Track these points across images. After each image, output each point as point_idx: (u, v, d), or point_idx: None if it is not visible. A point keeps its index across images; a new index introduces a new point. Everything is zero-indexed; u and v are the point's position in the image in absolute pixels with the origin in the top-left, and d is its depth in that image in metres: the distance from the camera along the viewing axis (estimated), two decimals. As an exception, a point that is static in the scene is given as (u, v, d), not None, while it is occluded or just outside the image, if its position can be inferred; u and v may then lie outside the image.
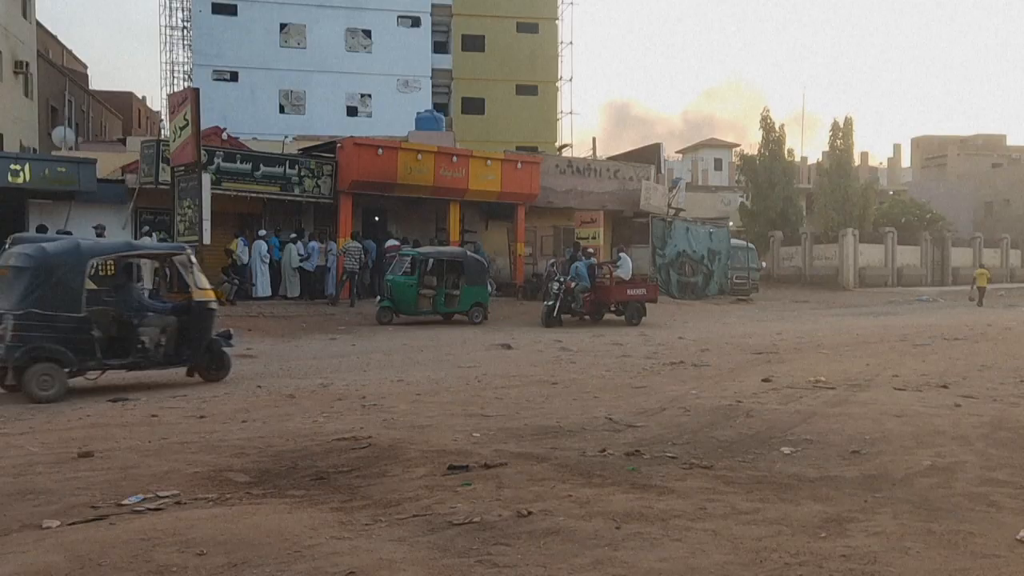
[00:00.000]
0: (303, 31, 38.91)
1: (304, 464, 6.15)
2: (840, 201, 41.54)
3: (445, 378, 11.02)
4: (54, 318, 9.28)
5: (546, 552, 4.16)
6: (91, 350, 9.57)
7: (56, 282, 9.36)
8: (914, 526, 4.56)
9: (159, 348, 10.20)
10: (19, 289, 9.24)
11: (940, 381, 10.40)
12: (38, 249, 9.68)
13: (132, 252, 10.98)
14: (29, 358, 9.13)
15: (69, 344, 9.36)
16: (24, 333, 9.09)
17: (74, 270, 9.53)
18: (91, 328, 9.57)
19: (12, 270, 9.50)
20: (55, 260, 9.48)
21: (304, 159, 22.19)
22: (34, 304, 9.20)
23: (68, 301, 9.40)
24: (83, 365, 9.62)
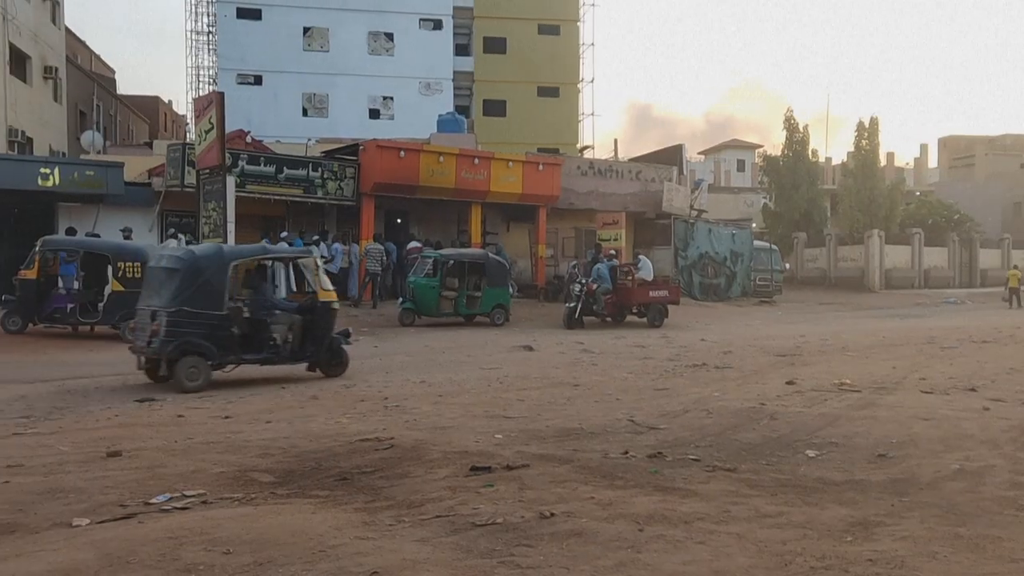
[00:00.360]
0: (326, 35, 39.18)
1: (328, 464, 6.19)
2: (866, 202, 41.10)
3: (467, 379, 11.05)
4: (200, 315, 10.12)
5: (569, 554, 4.16)
6: (231, 345, 10.44)
7: (202, 283, 10.22)
8: (941, 530, 4.51)
9: (287, 344, 10.96)
10: (170, 289, 10.14)
11: (968, 384, 10.28)
12: (187, 252, 10.79)
13: (266, 255, 11.86)
14: (179, 352, 10.00)
15: (213, 339, 10.20)
16: (175, 329, 9.94)
17: (218, 272, 10.36)
18: (231, 325, 10.41)
19: (164, 271, 10.44)
20: (202, 263, 10.37)
21: (327, 162, 22.34)
22: (184, 303, 10.06)
23: (212, 300, 10.25)
24: (224, 359, 10.43)
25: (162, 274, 10.48)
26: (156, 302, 10.22)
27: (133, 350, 10.64)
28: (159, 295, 10.26)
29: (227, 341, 10.36)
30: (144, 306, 10.45)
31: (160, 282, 10.42)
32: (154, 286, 10.53)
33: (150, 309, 10.23)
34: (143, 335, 10.24)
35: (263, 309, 10.95)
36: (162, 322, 9.94)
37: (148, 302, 10.41)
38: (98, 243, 16.36)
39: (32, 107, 27.24)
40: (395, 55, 39.71)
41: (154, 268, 10.87)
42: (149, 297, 10.49)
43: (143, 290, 11.13)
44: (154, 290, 10.46)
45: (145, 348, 10.18)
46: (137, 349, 10.44)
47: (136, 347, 10.48)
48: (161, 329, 9.92)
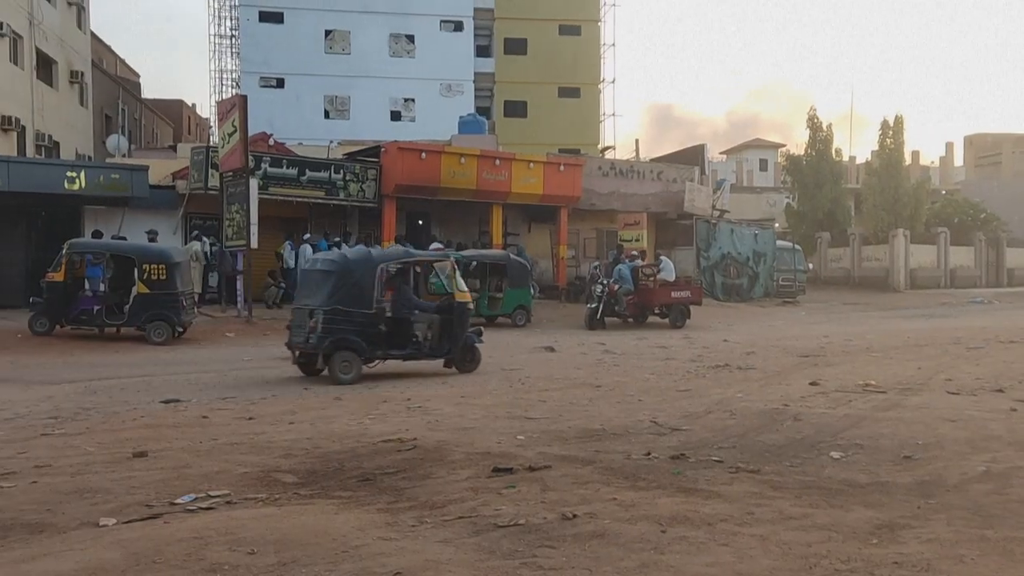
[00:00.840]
0: (347, 37, 39.42)
1: (351, 465, 6.23)
2: (890, 201, 40.67)
3: (489, 380, 11.07)
4: (352, 314, 10.94)
5: (591, 555, 4.15)
6: (379, 341, 11.24)
7: (354, 284, 11.06)
8: (968, 533, 4.45)
9: (427, 341, 11.69)
10: (326, 289, 11.01)
11: (995, 385, 10.14)
12: (341, 256, 11.89)
13: (409, 259, 12.59)
14: (334, 347, 10.82)
15: (363, 336, 11.02)
16: (330, 326, 10.79)
17: (368, 274, 11.15)
18: (379, 323, 11.20)
19: (319, 273, 11.40)
20: (354, 265, 11.25)
21: (349, 164, 22.47)
22: (338, 302, 10.90)
23: (363, 300, 11.05)
24: (372, 354, 11.23)
25: (317, 276, 11.42)
26: (312, 302, 11.09)
27: (289, 346, 11.51)
28: (315, 295, 11.13)
29: (375, 338, 11.15)
30: (300, 305, 11.44)
31: (316, 283, 11.32)
32: (310, 287, 11.48)
33: (307, 308, 11.10)
34: (301, 332, 11.09)
35: (406, 308, 11.77)
36: (319, 320, 10.78)
37: (304, 302, 11.38)
38: (124, 246, 16.56)
39: (59, 111, 27.64)
40: (416, 57, 39.88)
41: (309, 271, 11.92)
42: (305, 297, 11.45)
43: (299, 291, 12.35)
44: (310, 291, 11.38)
45: (303, 344, 11.02)
46: (294, 345, 11.29)
47: (293, 343, 11.33)
48: (318, 326, 10.77)
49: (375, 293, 11.14)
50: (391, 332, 11.41)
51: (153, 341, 14.68)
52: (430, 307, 12.13)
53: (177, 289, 14.98)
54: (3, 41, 23.58)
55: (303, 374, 11.32)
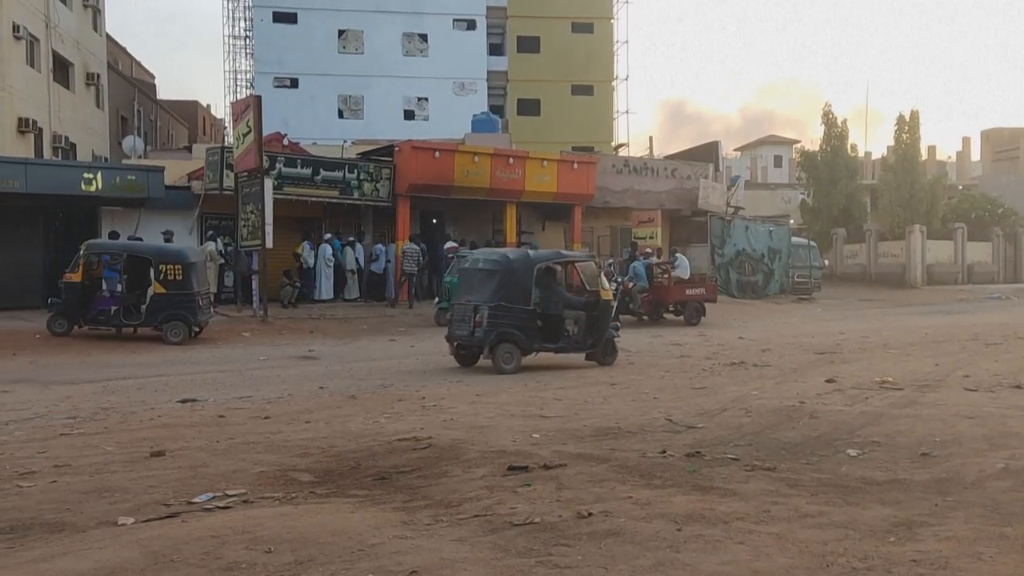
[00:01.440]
0: (360, 37, 39.51)
1: (366, 464, 6.25)
2: (906, 197, 40.34)
3: (503, 379, 11.07)
4: (513, 309, 11.83)
5: (607, 553, 4.16)
6: (536, 335, 12.12)
7: (515, 282, 11.95)
8: (987, 530, 4.42)
9: (575, 335, 12.43)
10: (490, 287, 11.89)
11: (1014, 381, 10.05)
12: (503, 256, 12.65)
13: (561, 259, 13.42)
14: (498, 339, 11.70)
15: (522, 329, 11.90)
16: (495, 320, 11.67)
17: (527, 273, 12.04)
18: (536, 318, 12.08)
19: (483, 272, 12.24)
20: (515, 265, 12.09)
21: (363, 163, 22.52)
22: (501, 298, 11.78)
23: (522, 296, 11.92)
24: (530, 346, 12.06)
25: (481, 275, 12.23)
26: (476, 298, 11.94)
27: (449, 338, 12.38)
28: (479, 292, 12.00)
29: (533, 331, 12.06)
30: (464, 301, 12.21)
31: (480, 281, 12.15)
32: (473, 284, 12.29)
33: (471, 304, 11.92)
34: (464, 326, 11.95)
35: (557, 305, 12.45)
36: (484, 315, 11.67)
37: (467, 298, 12.17)
38: (140, 246, 16.67)
39: (75, 113, 27.86)
40: (429, 56, 39.92)
41: (472, 269, 12.68)
42: (468, 294, 12.28)
43: (461, 288, 12.96)
44: (474, 288, 12.23)
45: (467, 337, 11.92)
46: (455, 338, 12.17)
47: (454, 335, 12.20)
48: (484, 320, 11.66)
49: (533, 291, 12.01)
50: (545, 327, 12.26)
51: (170, 341, 14.78)
52: (578, 303, 12.70)
53: (193, 289, 15.07)
54: (20, 44, 23.78)
55: (459, 365, 12.25)
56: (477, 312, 11.76)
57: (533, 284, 12.03)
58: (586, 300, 12.75)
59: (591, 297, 12.75)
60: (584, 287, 13.05)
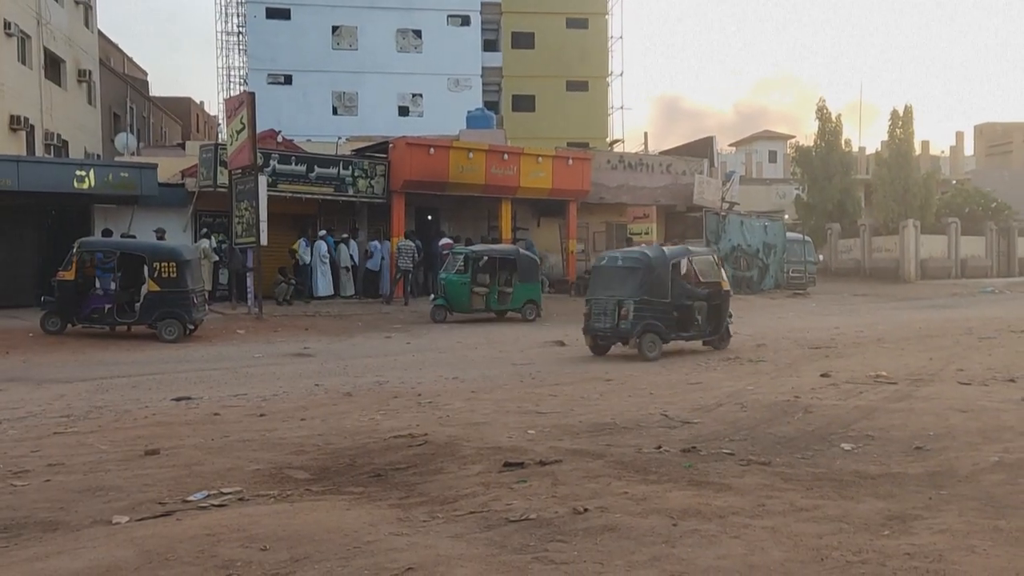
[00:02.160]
0: (354, 33, 39.39)
1: (362, 461, 6.25)
2: (900, 192, 40.44)
3: (499, 375, 11.07)
4: (654, 303, 12.86)
5: (603, 549, 4.16)
6: (672, 325, 13.11)
7: (655, 278, 12.97)
8: (980, 524, 4.43)
9: (701, 324, 13.46)
10: (633, 282, 12.94)
11: (1007, 375, 10.09)
12: (643, 254, 13.64)
13: (688, 254, 14.24)
14: (644, 330, 12.69)
15: (663, 321, 12.93)
16: (640, 313, 12.71)
17: (664, 269, 13.11)
18: (673, 310, 13.08)
19: (624, 270, 13.31)
20: (654, 262, 13.13)
21: (357, 160, 22.48)
22: (644, 293, 12.80)
23: (661, 291, 12.97)
24: (668, 336, 13.04)
25: (622, 272, 13.31)
26: (619, 293, 12.92)
27: (587, 330, 13.34)
28: (620, 288, 13.01)
29: (671, 322, 13.07)
30: (603, 296, 13.08)
31: (621, 278, 13.20)
32: (613, 281, 13.29)
33: (614, 299, 12.88)
34: (606, 319, 12.96)
35: (687, 296, 13.39)
36: (629, 308, 12.70)
37: (608, 293, 13.07)
38: (134, 244, 16.62)
39: (67, 111, 27.74)
40: (423, 52, 39.82)
41: (610, 267, 13.67)
42: (608, 289, 13.18)
43: (597, 284, 13.67)
44: (614, 284, 13.21)
45: (611, 329, 12.94)
46: (596, 330, 13.19)
47: (594, 328, 13.20)
48: (629, 314, 12.70)
49: (670, 285, 13.04)
50: (680, 317, 13.26)
51: (164, 339, 14.74)
52: (703, 294, 13.61)
53: (188, 287, 15.02)
54: (11, 41, 23.66)
55: (593, 354, 13.27)
56: (622, 306, 12.77)
57: (669, 279, 13.12)
58: (710, 291, 13.75)
59: (714, 288, 13.81)
60: (699, 280, 13.93)
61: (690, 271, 14.07)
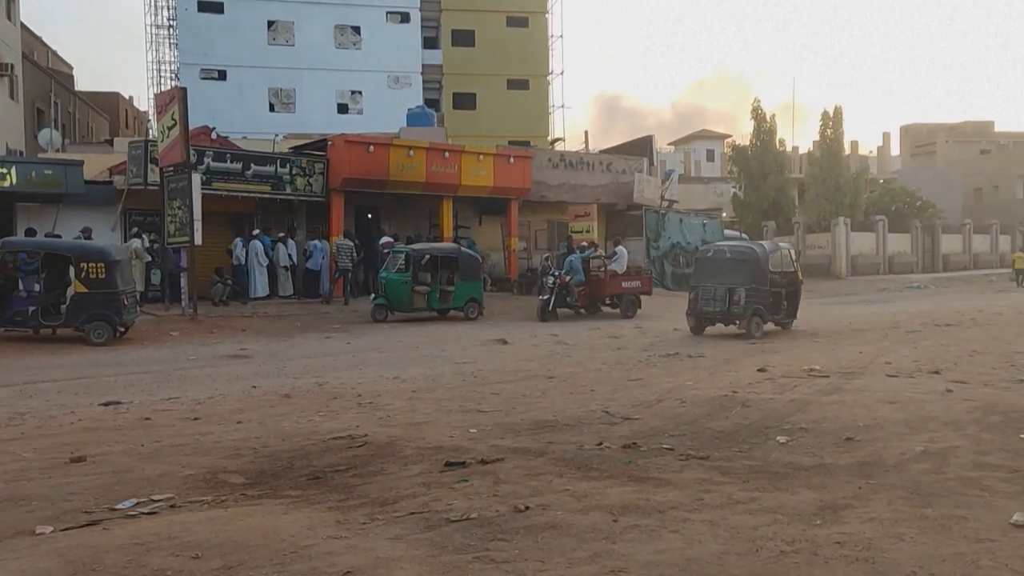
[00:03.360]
0: (291, 28, 38.70)
1: (300, 464, 6.14)
2: (831, 190, 41.63)
3: (441, 375, 11.01)
4: (759, 290, 15.29)
5: (544, 547, 4.16)
6: (770, 309, 15.62)
7: (760, 268, 15.42)
8: (908, 512, 4.57)
9: (787, 308, 16.14)
10: (744, 272, 15.32)
11: (932, 367, 10.45)
12: (750, 248, 16.45)
13: (777, 249, 16.66)
14: (753, 313, 15.25)
15: (765, 305, 15.46)
16: (749, 299, 15.20)
17: (766, 260, 15.68)
18: (769, 296, 15.49)
19: (732, 260, 15.70)
20: (759, 255, 15.77)
21: (295, 158, 22.10)
22: (752, 281, 15.24)
23: (764, 280, 15.42)
24: (768, 318, 15.64)
25: (731, 263, 15.63)
26: (729, 281, 15.23)
27: (692, 313, 15.79)
28: (731, 277, 15.30)
29: (769, 307, 15.51)
30: (712, 284, 15.39)
31: (730, 268, 15.49)
32: (723, 270, 15.51)
33: (724, 286, 15.23)
34: (716, 303, 15.33)
35: (776, 285, 15.85)
36: (741, 295, 15.10)
37: (718, 281, 15.36)
38: (59, 244, 16.03)
39: (-11, 106, 26.64)
40: (362, 49, 39.38)
41: (718, 258, 15.96)
42: (716, 278, 15.43)
43: (704, 272, 15.86)
44: (723, 273, 15.45)
45: (721, 313, 15.38)
46: (704, 313, 15.57)
47: (702, 311, 15.56)
48: (742, 299, 15.09)
49: (768, 275, 15.47)
50: (773, 303, 15.64)
51: (92, 342, 14.27)
52: (785, 283, 16.10)
53: (117, 288, 14.55)
54: (-73, 33, 22.64)
55: (692, 334, 15.53)
56: (734, 293, 15.13)
57: (768, 269, 15.50)
58: (790, 280, 16.25)
59: (792, 277, 16.34)
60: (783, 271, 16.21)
61: (777, 263, 16.20)
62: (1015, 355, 11.54)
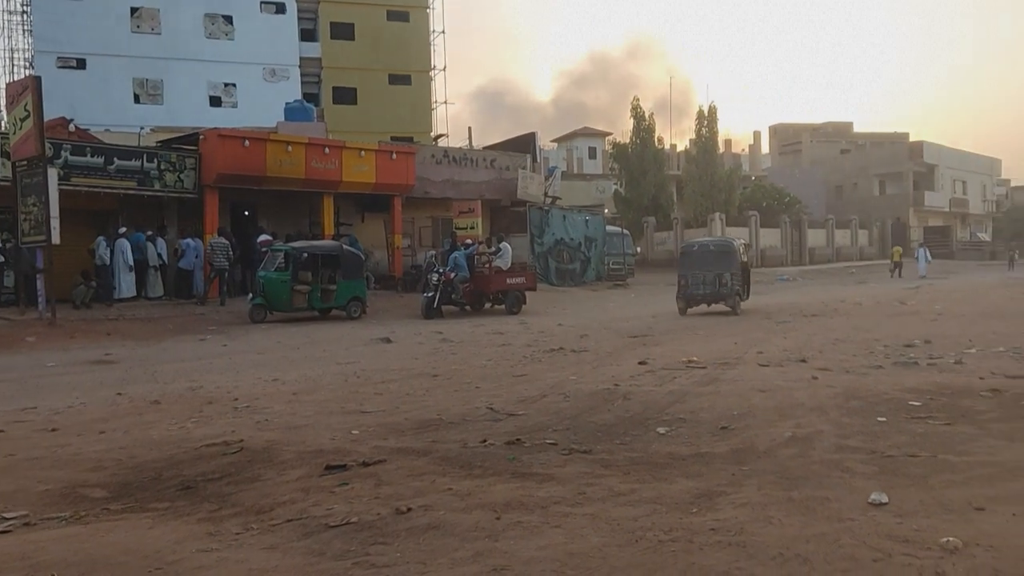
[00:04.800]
0: (156, 16, 36.90)
1: (169, 474, 5.82)
2: (707, 187, 43.31)
3: (322, 376, 10.73)
4: (737, 274, 18.85)
5: (426, 548, 4.09)
6: (743, 290, 19.37)
7: (737, 257, 19.11)
8: (776, 495, 4.75)
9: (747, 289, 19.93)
10: (727, 260, 18.89)
11: (799, 356, 10.99)
12: (728, 242, 20.23)
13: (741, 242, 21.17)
14: (735, 293, 18.78)
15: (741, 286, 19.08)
16: (733, 281, 18.70)
17: (739, 251, 19.51)
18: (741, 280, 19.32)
19: (715, 252, 19.18)
20: (734, 247, 19.51)
21: (164, 152, 21.11)
22: (733, 268, 18.80)
23: (738, 266, 18.97)
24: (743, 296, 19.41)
25: (715, 253, 19.11)
26: (715, 269, 18.72)
27: (682, 297, 19.17)
28: (716, 265, 18.76)
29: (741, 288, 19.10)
30: (700, 272, 18.80)
31: (715, 257, 18.92)
32: (709, 260, 18.90)
33: (712, 273, 18.67)
34: (705, 287, 18.77)
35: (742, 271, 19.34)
36: (728, 278, 18.63)
37: (705, 269, 18.79)
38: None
39: None
40: (235, 39, 37.98)
41: (702, 251, 19.42)
42: (704, 267, 18.84)
43: (690, 263, 19.17)
44: (709, 262, 18.85)
45: (711, 294, 18.81)
46: (694, 296, 18.97)
47: (693, 295, 18.95)
48: (728, 281, 18.64)
49: (740, 263, 19.16)
50: (744, 282, 19.48)
51: None
52: (744, 269, 19.58)
53: (-35, 291, 13.50)
54: None
55: (681, 315, 18.79)
56: (722, 277, 18.59)
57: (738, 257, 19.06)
58: (745, 267, 19.86)
59: (746, 266, 20.06)
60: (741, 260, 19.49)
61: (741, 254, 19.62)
62: (873, 343, 12.30)
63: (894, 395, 7.77)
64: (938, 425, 6.49)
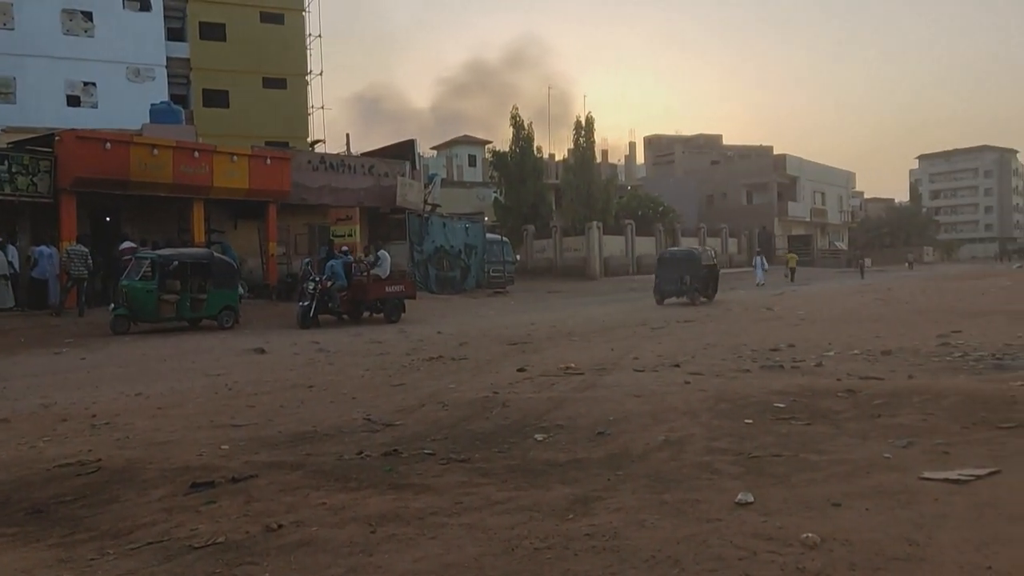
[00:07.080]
0: (8, 9, 34.43)
1: (18, 497, 5.41)
2: (585, 196, 44.29)
3: (191, 388, 10.25)
4: (697, 276, 23.99)
5: (297, 566, 3.96)
6: (702, 289, 24.38)
7: (698, 262, 24.49)
8: (649, 499, 4.87)
9: (711, 290, 25.06)
10: (689, 265, 24.27)
11: (673, 361, 11.35)
12: (692, 250, 26.72)
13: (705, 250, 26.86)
14: (695, 290, 24.01)
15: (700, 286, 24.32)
16: (693, 282, 23.95)
17: (700, 257, 25.02)
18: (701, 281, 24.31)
19: (680, 259, 24.74)
20: (696, 253, 25.53)
21: (15, 153, 19.68)
22: (694, 271, 23.92)
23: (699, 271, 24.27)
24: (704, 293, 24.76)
25: (680, 259, 24.63)
26: (681, 271, 23.96)
27: (657, 291, 24.66)
28: (682, 268, 24.00)
29: (702, 288, 24.29)
30: (670, 273, 24.21)
31: (681, 262, 24.40)
32: (679, 264, 24.28)
33: (678, 275, 23.91)
34: (675, 286, 24.04)
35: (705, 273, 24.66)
36: (689, 279, 23.74)
37: (674, 271, 24.12)
38: None
39: None
40: (96, 36, 35.89)
41: (671, 258, 25.10)
42: (673, 269, 24.21)
43: (664, 266, 24.64)
44: (679, 266, 24.19)
45: (677, 290, 24.08)
46: (666, 292, 24.41)
47: (665, 291, 24.44)
48: (691, 282, 23.69)
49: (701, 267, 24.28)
50: (704, 285, 24.33)
51: None
52: (709, 272, 24.74)
53: None
54: None
55: (657, 305, 23.83)
56: (683, 278, 23.73)
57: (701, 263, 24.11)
58: (710, 269, 25.11)
59: (712, 267, 25.53)
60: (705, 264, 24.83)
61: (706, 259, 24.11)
62: (741, 347, 12.87)
63: (761, 397, 8.11)
64: (800, 425, 6.82)
